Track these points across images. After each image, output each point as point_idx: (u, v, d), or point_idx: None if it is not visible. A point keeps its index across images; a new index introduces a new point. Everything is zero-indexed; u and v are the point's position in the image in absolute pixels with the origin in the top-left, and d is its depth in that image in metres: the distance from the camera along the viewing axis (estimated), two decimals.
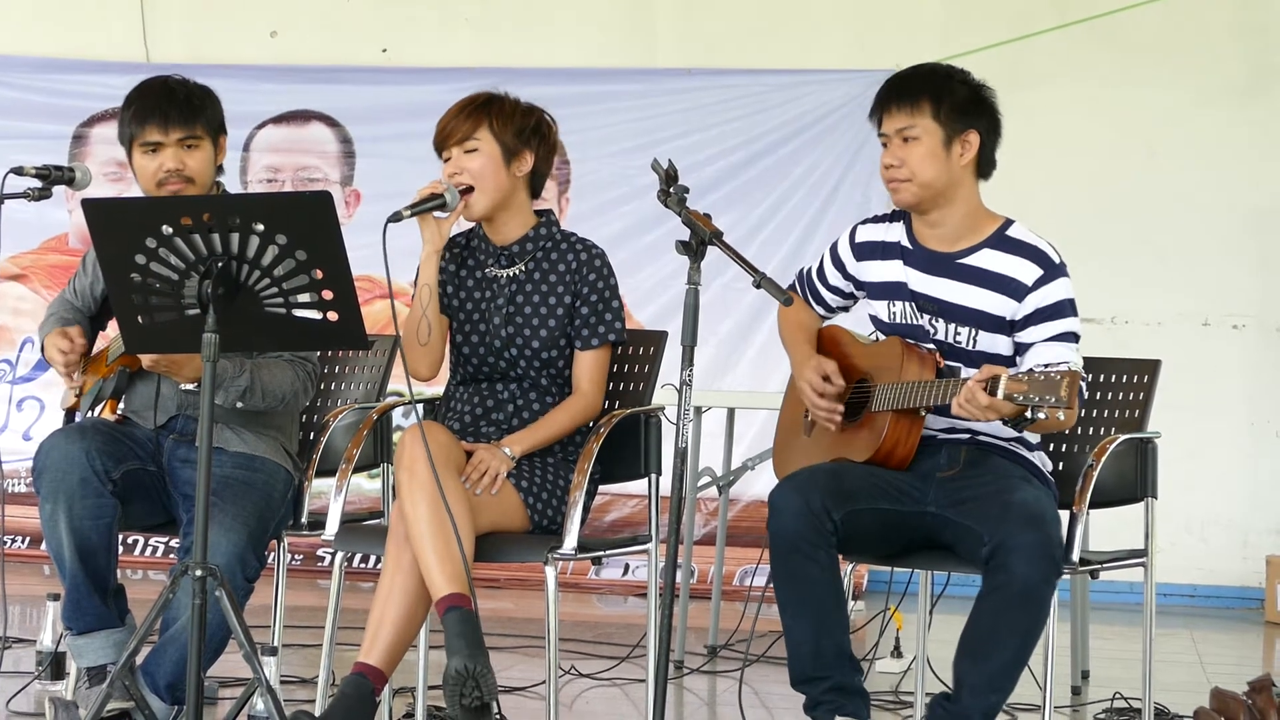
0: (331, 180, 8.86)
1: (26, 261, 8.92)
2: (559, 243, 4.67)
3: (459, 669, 4.05)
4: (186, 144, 4.66)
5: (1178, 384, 6.04)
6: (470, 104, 4.64)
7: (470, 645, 4.10)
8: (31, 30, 9.16)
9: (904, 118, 4.37)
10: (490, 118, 4.60)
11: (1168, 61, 8.33)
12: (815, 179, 8.44)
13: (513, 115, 4.63)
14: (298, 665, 5.76)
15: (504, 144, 4.59)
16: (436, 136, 4.64)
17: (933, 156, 4.35)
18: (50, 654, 5.25)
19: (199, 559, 3.89)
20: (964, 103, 4.38)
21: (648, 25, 8.76)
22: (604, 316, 4.63)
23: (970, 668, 4.18)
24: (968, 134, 4.37)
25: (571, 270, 4.63)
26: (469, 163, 4.59)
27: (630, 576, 8.08)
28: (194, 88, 4.75)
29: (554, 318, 4.61)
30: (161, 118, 4.65)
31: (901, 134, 4.36)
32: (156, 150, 4.65)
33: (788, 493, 4.25)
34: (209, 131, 4.70)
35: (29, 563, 8.07)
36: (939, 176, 4.35)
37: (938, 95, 4.36)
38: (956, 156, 4.36)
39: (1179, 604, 8.13)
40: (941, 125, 4.35)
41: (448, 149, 4.62)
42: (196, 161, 4.67)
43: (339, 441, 4.85)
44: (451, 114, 4.64)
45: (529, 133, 4.63)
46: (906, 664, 5.82)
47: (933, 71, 4.45)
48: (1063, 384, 3.93)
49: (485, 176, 4.59)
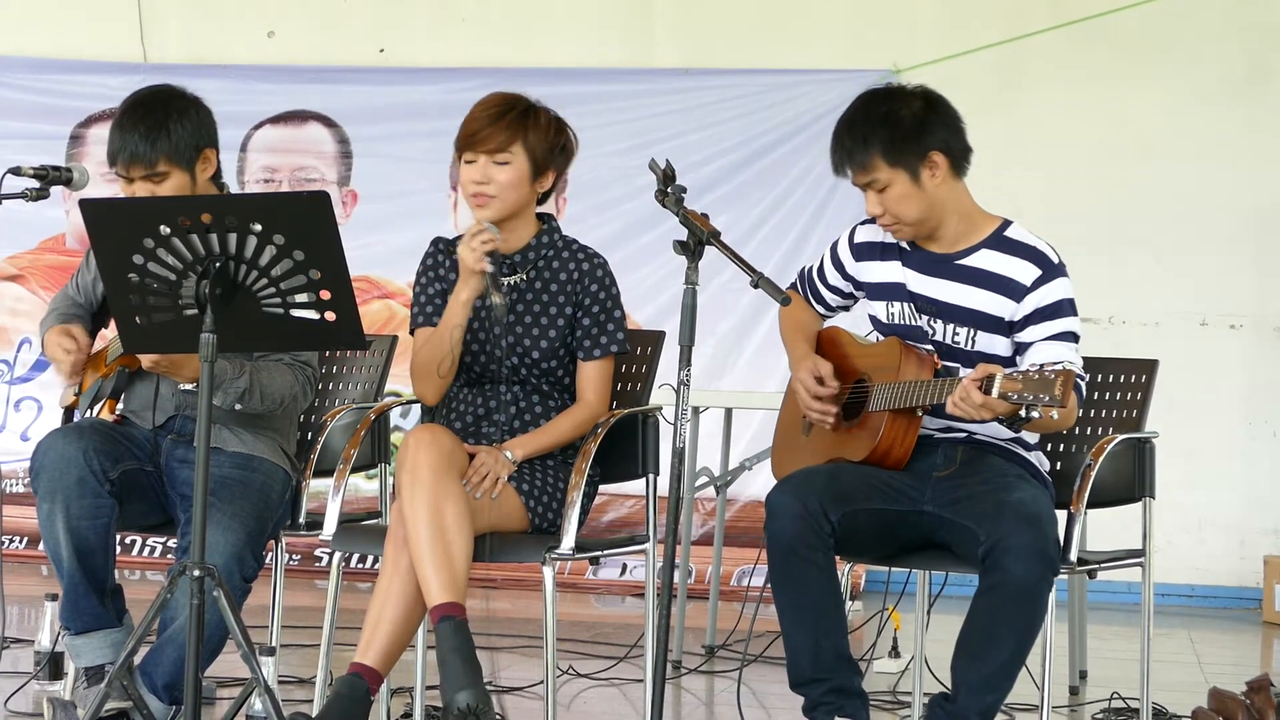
0: (329, 180, 8.86)
1: (24, 262, 8.92)
2: (560, 250, 4.64)
3: (461, 709, 4.05)
4: (152, 180, 4.61)
5: (1175, 384, 6.05)
6: (507, 111, 4.52)
7: (468, 671, 4.09)
8: (28, 30, 9.15)
9: (862, 174, 4.33)
10: (526, 132, 4.50)
11: (1164, 61, 8.33)
12: (812, 179, 8.44)
13: (547, 131, 4.54)
14: (295, 665, 5.76)
15: (535, 161, 4.51)
16: (463, 137, 4.52)
17: (908, 196, 4.32)
18: (48, 654, 5.25)
19: (197, 559, 3.89)
20: (911, 131, 4.31)
21: (645, 25, 8.76)
22: (606, 327, 4.61)
23: (967, 667, 4.18)
24: (930, 156, 4.32)
25: (574, 280, 4.60)
26: (498, 174, 4.50)
27: (628, 576, 8.08)
28: (160, 113, 4.60)
29: (554, 328, 4.59)
30: (126, 156, 4.57)
31: (870, 186, 4.34)
32: (130, 182, 4.62)
33: (785, 495, 4.25)
34: (177, 162, 4.58)
35: (27, 563, 8.07)
36: (922, 208, 4.33)
37: (886, 140, 4.29)
38: (929, 181, 4.32)
39: (1177, 604, 8.14)
40: (902, 167, 4.30)
41: (475, 154, 4.51)
42: (169, 191, 4.59)
43: (337, 441, 4.84)
44: (486, 119, 4.51)
45: (558, 151, 4.57)
46: (904, 664, 5.82)
47: (868, 116, 4.35)
48: (1057, 382, 3.93)
49: (510, 190, 4.50)
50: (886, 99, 4.37)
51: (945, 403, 4.16)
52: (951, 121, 4.37)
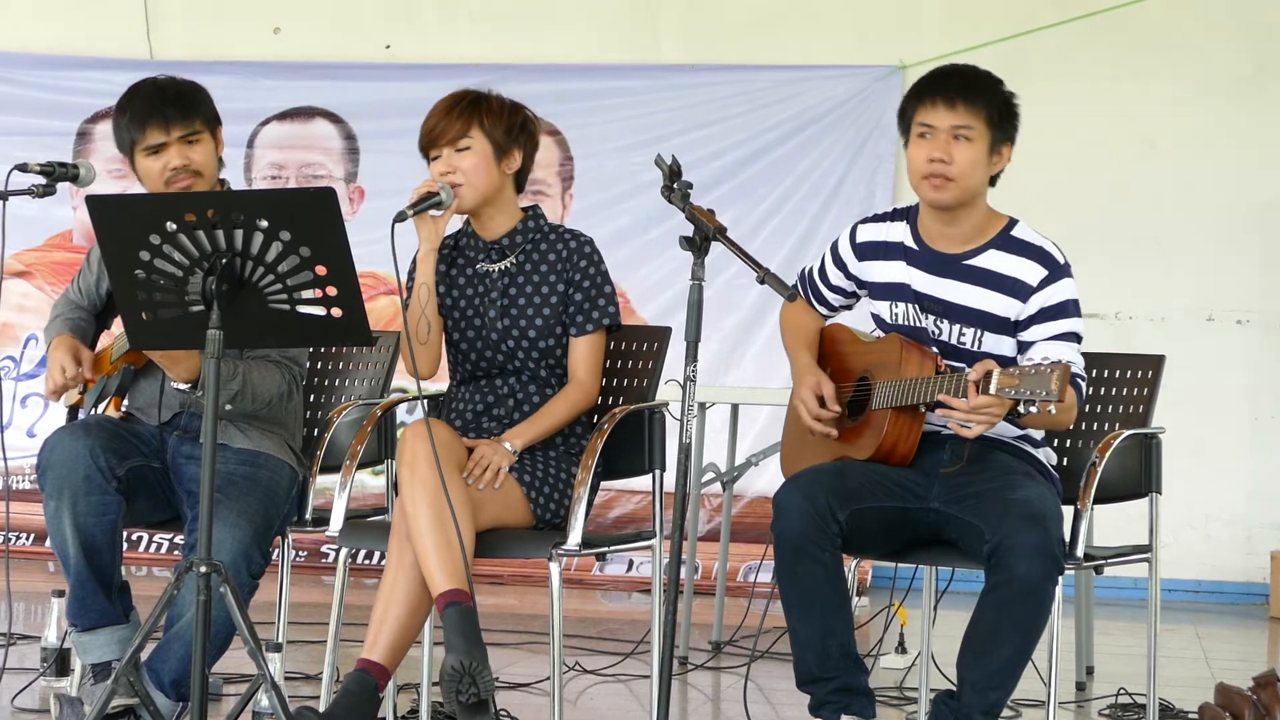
0: (335, 177, 8.87)
1: (30, 258, 8.93)
2: (547, 234, 4.68)
3: (455, 666, 4.06)
4: (189, 140, 4.66)
5: (1182, 379, 6.04)
6: (458, 103, 4.64)
7: (468, 641, 4.11)
8: (35, 27, 9.16)
9: (967, 115, 4.31)
10: (480, 116, 4.61)
11: (1169, 56, 8.33)
12: (818, 175, 8.45)
13: (501, 113, 4.63)
14: (302, 662, 5.76)
15: (495, 142, 4.60)
16: (424, 138, 4.63)
17: (980, 162, 4.31)
18: (55, 650, 5.26)
19: (204, 555, 3.89)
20: (1011, 116, 4.36)
21: (650, 21, 8.76)
22: (597, 302, 4.64)
23: (972, 665, 4.18)
24: (1004, 147, 4.35)
25: (562, 259, 4.64)
26: (461, 162, 4.59)
27: (634, 572, 8.08)
28: (184, 84, 4.73)
29: (548, 306, 4.62)
30: (161, 118, 4.63)
31: (956, 130, 4.31)
32: (160, 151, 4.64)
33: (792, 494, 4.25)
34: (207, 124, 4.69)
35: (34, 559, 8.08)
36: (978, 180, 4.33)
37: (993, 102, 4.33)
38: (993, 163, 4.34)
39: (1183, 599, 8.13)
40: (995, 133, 4.32)
41: (438, 149, 4.61)
42: (201, 155, 4.67)
43: (343, 438, 4.85)
44: (439, 114, 4.63)
45: (517, 130, 4.65)
46: (911, 660, 5.82)
47: (988, 76, 4.40)
48: (1053, 377, 3.93)
49: (478, 174, 4.59)
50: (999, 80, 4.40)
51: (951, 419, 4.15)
52: (1016, 137, 4.41)
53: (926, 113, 4.33)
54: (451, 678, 4.06)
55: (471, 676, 4.05)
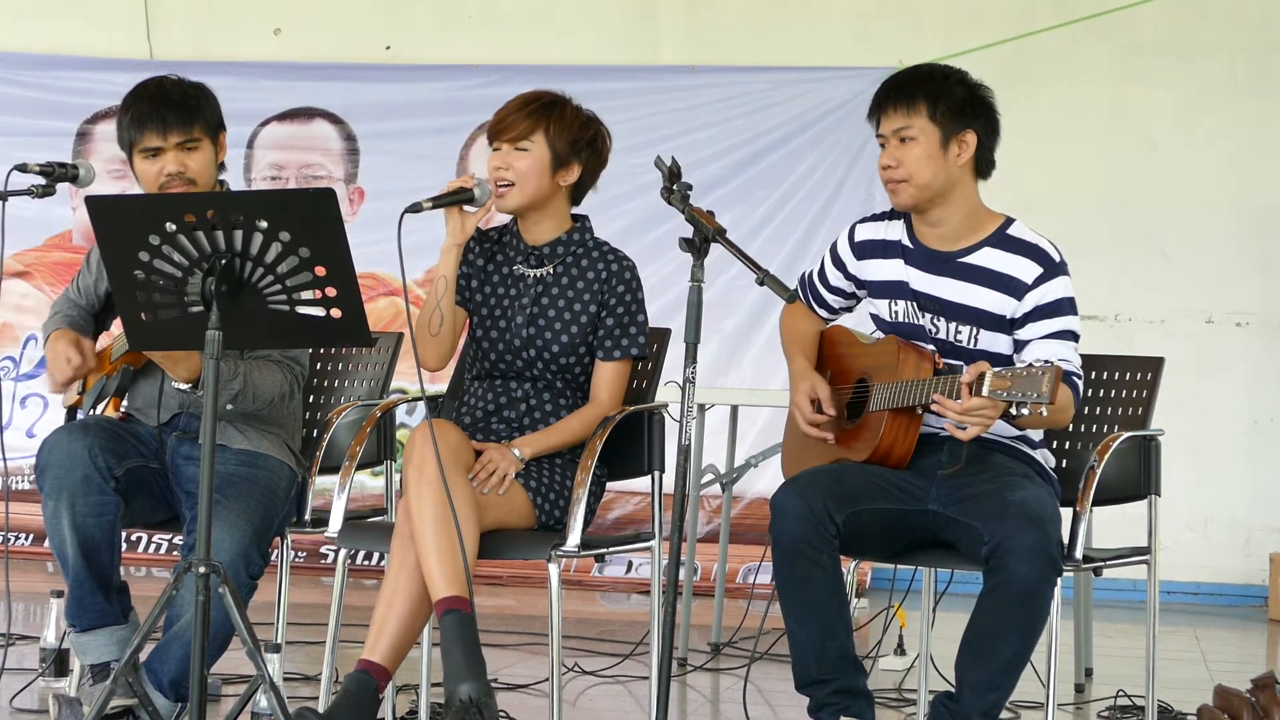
0: (335, 177, 8.87)
1: (30, 259, 8.93)
2: (590, 250, 4.64)
3: (464, 700, 4.05)
4: (186, 146, 4.63)
5: (1181, 381, 6.04)
6: (534, 102, 4.59)
7: (471, 663, 4.09)
8: (35, 27, 9.17)
9: (900, 118, 4.36)
10: (549, 122, 4.56)
11: (1169, 58, 8.33)
12: (818, 176, 8.45)
13: (571, 124, 4.59)
14: (301, 662, 5.76)
15: (555, 151, 4.55)
16: (492, 126, 4.59)
17: (930, 157, 4.34)
18: (54, 651, 5.26)
19: (203, 556, 3.89)
20: (961, 103, 4.36)
21: (651, 23, 8.77)
22: (628, 330, 4.62)
23: (971, 666, 4.18)
24: (964, 134, 4.36)
25: (601, 280, 4.60)
26: (516, 161, 4.54)
27: (633, 574, 8.09)
28: (189, 87, 4.70)
29: (577, 324, 4.59)
30: (159, 122, 4.61)
31: (898, 134, 4.35)
32: (157, 155, 4.63)
33: (789, 496, 4.24)
34: (207, 131, 4.66)
35: (32, 560, 8.08)
36: (936, 177, 4.35)
37: (934, 96, 4.35)
38: (954, 157, 4.35)
39: (1182, 602, 8.14)
40: (938, 125, 4.34)
41: (500, 141, 4.57)
42: (197, 163, 4.64)
43: (342, 439, 4.85)
44: (513, 107, 4.59)
45: (583, 144, 4.60)
46: (910, 662, 5.82)
47: (930, 72, 4.44)
48: (1044, 379, 3.93)
49: (529, 179, 4.54)
50: (951, 72, 4.43)
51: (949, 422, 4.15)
52: (994, 124, 4.41)
53: (879, 124, 4.41)
54: (460, 711, 4.05)
55: (479, 708, 4.05)
